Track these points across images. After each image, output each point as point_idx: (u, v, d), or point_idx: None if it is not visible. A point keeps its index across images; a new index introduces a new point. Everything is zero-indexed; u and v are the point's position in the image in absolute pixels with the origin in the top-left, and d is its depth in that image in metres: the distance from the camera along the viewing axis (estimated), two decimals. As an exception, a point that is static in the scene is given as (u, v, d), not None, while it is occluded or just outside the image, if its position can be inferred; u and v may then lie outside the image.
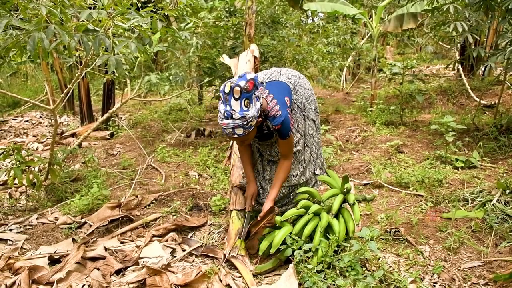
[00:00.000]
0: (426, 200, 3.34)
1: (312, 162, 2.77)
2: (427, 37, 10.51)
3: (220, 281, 2.27)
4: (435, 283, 2.24)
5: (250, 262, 2.46)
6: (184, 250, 2.69)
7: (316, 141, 2.76)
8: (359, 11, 6.91)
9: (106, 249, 2.65)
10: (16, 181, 3.54)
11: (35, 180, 3.53)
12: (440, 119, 4.46)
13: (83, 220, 3.21)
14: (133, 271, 2.43)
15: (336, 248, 2.30)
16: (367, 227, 2.60)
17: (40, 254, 2.64)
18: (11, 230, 3.12)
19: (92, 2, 3.22)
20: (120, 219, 3.15)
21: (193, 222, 3.04)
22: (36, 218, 3.33)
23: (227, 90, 2.13)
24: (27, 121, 7.75)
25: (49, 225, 3.21)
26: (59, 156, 4.22)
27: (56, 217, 3.34)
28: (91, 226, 3.09)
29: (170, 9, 4.05)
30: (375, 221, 3.03)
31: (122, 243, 2.81)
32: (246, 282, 2.27)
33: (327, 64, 7.95)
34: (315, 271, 2.17)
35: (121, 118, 7.55)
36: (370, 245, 2.21)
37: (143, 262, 2.53)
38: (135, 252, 2.66)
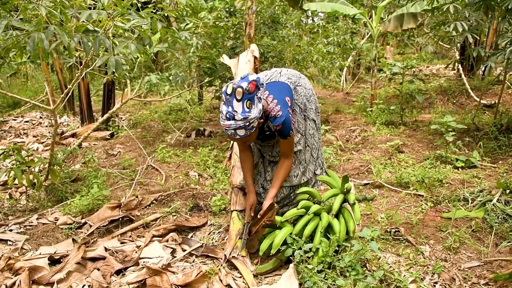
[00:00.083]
0: (426, 200, 3.34)
1: (313, 162, 2.77)
2: (427, 37, 10.51)
3: (221, 281, 2.27)
4: (436, 283, 2.24)
5: (250, 262, 2.46)
6: (184, 250, 2.69)
7: (316, 141, 2.77)
8: (359, 11, 6.92)
9: (106, 249, 2.65)
10: (16, 181, 3.54)
11: (35, 180, 3.53)
12: (440, 119, 4.46)
13: (83, 221, 3.21)
14: (133, 271, 2.43)
15: (336, 248, 2.30)
16: (368, 227, 2.61)
17: (40, 254, 2.64)
18: (11, 230, 3.12)
19: (92, 2, 3.22)
20: (120, 219, 3.16)
21: (193, 222, 3.04)
22: (36, 219, 3.34)
23: (229, 91, 2.13)
24: (27, 121, 7.75)
25: (49, 225, 3.22)
26: (59, 157, 4.22)
27: (56, 217, 3.34)
28: (91, 226, 3.10)
29: (170, 9, 4.05)
30: (375, 221, 3.03)
31: (122, 243, 2.81)
32: (247, 282, 2.27)
33: (327, 64, 7.95)
34: (316, 271, 2.17)
35: (121, 118, 7.55)
36: (370, 245, 2.21)
37: (143, 262, 2.53)
38: (135, 252, 2.66)
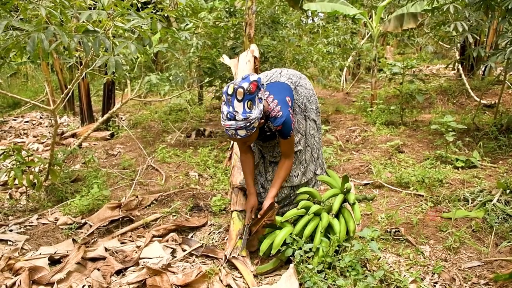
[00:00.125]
0: (427, 200, 3.34)
1: (313, 162, 2.77)
2: (427, 37, 10.51)
3: (221, 281, 2.27)
4: (436, 283, 2.24)
5: (251, 262, 2.46)
6: (184, 251, 2.69)
7: (317, 141, 2.77)
8: (359, 11, 6.92)
9: (106, 249, 2.65)
10: (16, 181, 3.54)
11: (35, 180, 3.53)
12: (440, 119, 4.46)
13: (83, 221, 3.21)
14: (133, 271, 2.43)
15: (336, 248, 2.30)
16: (368, 227, 2.61)
17: (40, 254, 2.64)
18: (11, 230, 3.12)
19: (92, 3, 3.22)
20: (120, 219, 3.16)
21: (193, 222, 3.04)
22: (37, 219, 3.34)
23: (230, 91, 2.13)
24: (27, 121, 7.75)
25: (49, 225, 3.22)
26: (59, 157, 4.22)
27: (56, 217, 3.34)
28: (91, 226, 3.10)
29: (170, 10, 4.05)
30: (375, 221, 3.03)
31: (122, 243, 2.81)
32: (247, 282, 2.27)
33: (327, 64, 7.95)
34: (316, 271, 2.17)
35: (121, 118, 7.55)
36: (370, 245, 2.21)
37: (144, 262, 2.53)
38: (136, 252, 2.66)
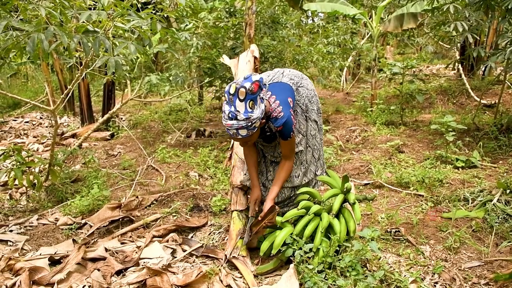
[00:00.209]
0: (427, 200, 3.34)
1: (314, 162, 2.77)
2: (427, 37, 10.51)
3: (221, 281, 2.27)
4: (436, 283, 2.24)
5: (251, 262, 2.46)
6: (184, 251, 2.69)
7: (318, 142, 2.76)
8: (359, 11, 6.92)
9: (106, 249, 2.65)
10: (16, 182, 3.54)
11: (36, 181, 3.53)
12: (440, 119, 4.46)
13: (83, 221, 3.21)
14: (133, 271, 2.43)
15: (337, 248, 2.30)
16: (368, 227, 2.61)
17: (40, 255, 2.64)
18: (11, 231, 3.12)
19: (92, 3, 3.22)
20: (120, 219, 3.16)
21: (193, 222, 3.04)
22: (37, 219, 3.34)
23: (232, 91, 2.13)
24: (27, 122, 7.75)
25: (49, 226, 3.22)
26: (60, 157, 4.22)
27: (56, 218, 3.34)
28: (91, 226, 3.10)
29: (170, 10, 4.05)
30: (375, 221, 3.03)
31: (122, 243, 2.81)
32: (247, 282, 2.27)
33: (327, 64, 7.95)
34: (316, 271, 2.17)
35: (121, 118, 7.55)
36: (371, 245, 2.21)
37: (144, 262, 2.53)
38: (136, 252, 2.66)
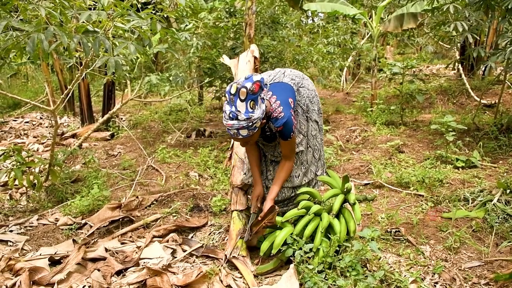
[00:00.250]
0: (427, 200, 3.34)
1: (315, 163, 2.77)
2: (427, 37, 10.51)
3: (221, 281, 2.27)
4: (436, 283, 2.23)
5: (251, 262, 2.46)
6: (184, 251, 2.69)
7: (319, 142, 2.76)
8: (359, 11, 6.92)
9: (106, 250, 2.65)
10: (16, 182, 3.54)
11: (36, 181, 3.53)
12: (440, 119, 4.46)
13: (83, 221, 3.21)
14: (133, 272, 2.43)
15: (337, 248, 2.30)
16: (368, 227, 2.61)
17: (40, 255, 2.64)
18: (11, 231, 3.12)
19: (92, 3, 3.22)
20: (120, 220, 3.15)
21: (193, 222, 3.04)
22: (37, 219, 3.34)
23: (233, 91, 2.13)
24: (27, 122, 7.75)
25: (49, 226, 3.22)
26: (60, 157, 4.22)
27: (56, 218, 3.34)
28: (91, 227, 3.10)
29: (170, 10, 4.05)
30: (375, 221, 3.03)
31: (122, 244, 2.81)
32: (247, 282, 2.27)
33: (327, 64, 7.95)
34: (316, 271, 2.17)
35: (121, 119, 7.55)
36: (371, 245, 2.21)
37: (144, 263, 2.53)
38: (136, 253, 2.66)
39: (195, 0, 5.71)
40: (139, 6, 3.43)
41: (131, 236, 2.94)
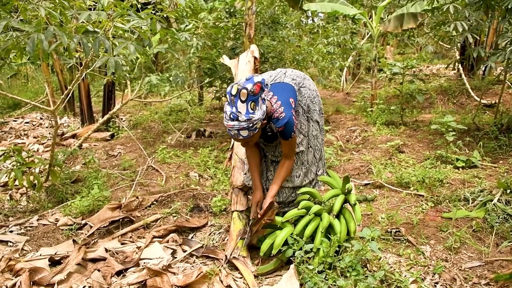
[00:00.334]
0: (427, 200, 3.34)
1: (315, 163, 2.76)
2: (427, 37, 10.51)
3: (221, 282, 2.27)
4: (436, 283, 2.23)
5: (251, 263, 2.46)
6: (184, 251, 2.69)
7: (319, 142, 2.76)
8: (359, 11, 6.92)
9: (106, 250, 2.65)
10: (16, 182, 3.54)
11: (36, 181, 3.53)
12: (440, 119, 4.46)
13: (83, 222, 3.21)
14: (133, 272, 2.43)
15: (337, 249, 2.30)
16: (368, 227, 2.60)
17: (40, 255, 2.64)
18: (11, 231, 3.12)
19: (91, 3, 3.22)
20: (120, 220, 3.15)
21: (193, 223, 3.04)
22: (37, 220, 3.34)
23: (233, 92, 2.13)
24: (27, 122, 7.75)
25: (49, 226, 3.22)
26: (60, 158, 4.22)
27: (56, 218, 3.34)
28: (91, 227, 3.09)
29: (170, 10, 4.05)
30: (375, 221, 3.03)
31: (122, 244, 2.81)
32: (247, 283, 2.27)
33: (327, 64, 7.95)
34: (316, 271, 2.17)
35: (121, 119, 7.55)
36: (371, 245, 2.20)
37: (144, 263, 2.53)
38: (136, 253, 2.66)
39: (195, 0, 5.71)
40: (139, 6, 3.43)
41: (131, 237, 2.94)
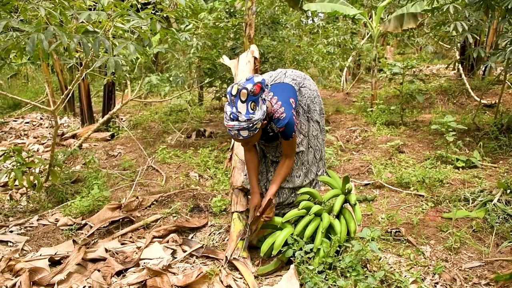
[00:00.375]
0: (427, 200, 3.34)
1: (316, 163, 2.76)
2: (427, 37, 10.51)
3: (221, 282, 2.27)
4: (436, 283, 2.23)
5: (251, 263, 2.46)
6: (184, 251, 2.69)
7: (320, 142, 2.76)
8: (359, 11, 6.92)
9: (106, 250, 2.65)
10: (16, 182, 3.54)
11: (36, 181, 3.53)
12: (440, 119, 4.46)
13: (83, 222, 3.21)
14: (133, 272, 2.43)
15: (337, 249, 2.30)
16: (368, 227, 2.60)
17: (40, 255, 2.64)
18: (11, 231, 3.12)
19: (91, 3, 3.22)
20: (120, 220, 3.15)
21: (193, 223, 3.04)
22: (37, 220, 3.34)
23: (234, 92, 2.13)
24: (27, 122, 7.75)
25: (49, 226, 3.22)
26: (60, 158, 4.22)
27: (56, 218, 3.34)
28: (91, 227, 3.09)
29: (170, 10, 4.05)
30: (376, 221, 3.03)
31: (122, 244, 2.81)
32: (248, 283, 2.27)
33: (327, 65, 7.95)
34: (316, 271, 2.17)
35: (121, 119, 7.55)
36: (371, 245, 2.20)
37: (144, 263, 2.52)
38: (136, 253, 2.66)
39: (195, 1, 5.71)
40: (139, 6, 3.43)
41: (131, 237, 2.94)
